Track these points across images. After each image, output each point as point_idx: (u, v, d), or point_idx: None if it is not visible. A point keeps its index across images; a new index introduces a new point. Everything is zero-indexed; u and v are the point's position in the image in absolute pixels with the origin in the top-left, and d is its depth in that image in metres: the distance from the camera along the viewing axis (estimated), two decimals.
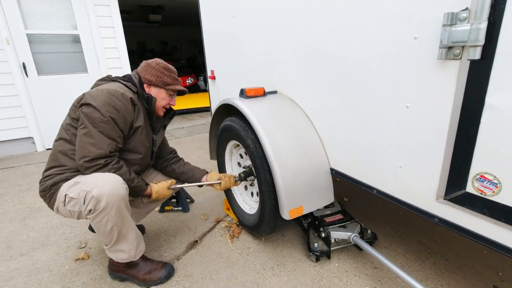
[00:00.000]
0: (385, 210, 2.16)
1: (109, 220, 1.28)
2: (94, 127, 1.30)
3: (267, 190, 1.49)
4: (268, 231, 1.63)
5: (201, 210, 2.28)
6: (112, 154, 1.35)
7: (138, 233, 1.45)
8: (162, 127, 1.72)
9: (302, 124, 1.54)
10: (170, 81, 1.55)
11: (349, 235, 1.55)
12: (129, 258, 1.45)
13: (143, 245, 1.50)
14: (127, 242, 1.40)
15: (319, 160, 1.50)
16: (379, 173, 1.23)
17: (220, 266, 1.64)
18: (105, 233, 1.33)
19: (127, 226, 1.36)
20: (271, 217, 1.54)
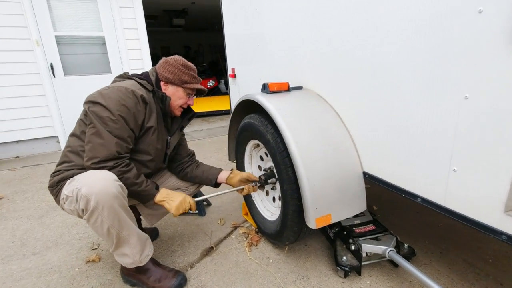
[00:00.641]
0: (421, 222, 1.92)
1: (104, 221, 1.17)
2: (103, 127, 1.21)
3: (290, 193, 1.34)
4: (290, 240, 1.47)
5: (218, 214, 2.15)
6: (121, 155, 1.25)
7: (142, 237, 1.34)
8: (179, 128, 1.61)
9: (331, 122, 1.38)
10: (188, 79, 1.44)
11: (384, 249, 1.35)
12: (134, 263, 1.34)
13: (149, 250, 1.39)
14: (129, 246, 1.29)
15: (351, 162, 1.32)
16: (425, 178, 1.04)
17: (237, 278, 1.49)
18: (104, 235, 1.22)
19: (126, 228, 1.25)
20: (295, 224, 1.38)
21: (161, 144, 1.46)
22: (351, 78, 1.28)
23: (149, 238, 1.40)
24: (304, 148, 1.26)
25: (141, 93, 1.32)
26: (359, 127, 1.30)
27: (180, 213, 1.38)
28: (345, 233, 1.52)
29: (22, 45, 3.74)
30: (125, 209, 1.23)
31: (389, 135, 1.15)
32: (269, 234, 1.64)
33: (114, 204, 1.16)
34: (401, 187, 1.14)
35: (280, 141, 1.36)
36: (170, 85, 1.44)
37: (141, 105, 1.31)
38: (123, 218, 1.21)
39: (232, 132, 2.09)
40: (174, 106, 1.47)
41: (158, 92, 1.41)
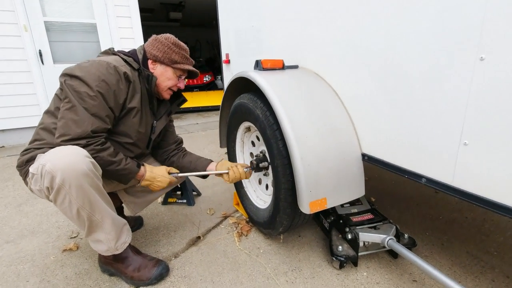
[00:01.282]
0: (422, 214, 1.82)
1: (72, 201, 1.05)
2: (78, 103, 1.10)
3: (282, 169, 1.22)
4: (284, 225, 1.35)
5: (207, 204, 2.04)
6: (96, 134, 1.13)
7: (117, 222, 1.22)
8: (167, 113, 1.49)
9: (328, 100, 1.27)
10: (179, 59, 1.33)
11: (383, 237, 1.25)
12: (110, 251, 1.22)
13: (126, 237, 1.27)
14: (103, 231, 1.17)
15: (349, 143, 1.22)
16: (431, 156, 0.94)
17: (224, 268, 1.38)
18: (73, 218, 1.10)
19: (99, 211, 1.13)
20: (287, 205, 1.26)
21: (144, 127, 1.35)
22: (348, 49, 1.18)
23: (127, 225, 1.29)
24: (298, 127, 1.15)
25: (125, 70, 1.21)
26: (358, 105, 1.20)
27: (167, 181, 1.35)
28: (341, 221, 1.41)
29: (9, 29, 3.60)
30: (98, 189, 1.11)
31: (391, 111, 1.05)
32: (261, 223, 1.52)
33: (83, 183, 1.03)
34: (404, 168, 1.04)
35: (270, 114, 1.26)
36: (158, 64, 1.33)
37: (123, 83, 1.20)
38: (95, 199, 1.09)
39: (224, 117, 1.98)
40: (162, 87, 1.36)
41: (144, 71, 1.29)
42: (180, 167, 1.54)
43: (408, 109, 0.98)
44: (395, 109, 1.03)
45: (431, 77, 0.89)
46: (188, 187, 2.05)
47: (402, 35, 0.96)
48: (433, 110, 0.90)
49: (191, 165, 1.53)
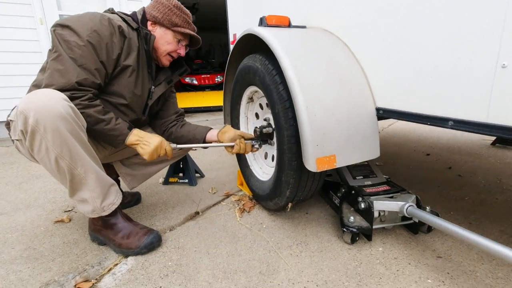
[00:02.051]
0: (444, 196, 1.64)
1: (49, 148, 0.95)
2: (66, 52, 1.02)
3: (283, 114, 1.10)
4: (289, 189, 1.19)
5: (210, 184, 1.92)
6: (82, 88, 1.04)
7: (103, 179, 1.11)
8: (166, 81, 1.40)
9: (338, 52, 1.15)
10: (179, 22, 1.25)
11: (401, 205, 1.09)
12: (96, 211, 1.12)
13: (115, 198, 1.17)
14: (87, 187, 1.07)
15: (361, 96, 1.08)
16: (457, 91, 0.79)
17: (222, 241, 1.25)
18: (54, 170, 1.01)
19: (81, 163, 1.02)
20: (292, 161, 1.12)
21: (140, 90, 1.26)
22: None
23: (116, 186, 1.18)
24: (304, 75, 1.03)
25: (120, 24, 1.14)
26: (372, 55, 1.07)
27: (154, 158, 1.16)
28: (354, 192, 1.26)
29: (25, 22, 3.68)
30: (79, 139, 1.01)
31: (410, 52, 0.91)
32: (267, 194, 1.37)
33: (59, 126, 0.93)
34: (426, 114, 0.89)
35: (269, 62, 1.17)
36: (158, 26, 1.26)
37: (117, 37, 1.12)
38: (75, 149, 0.99)
39: (227, 92, 1.88)
40: (161, 52, 1.28)
41: (142, 30, 1.22)
42: (178, 137, 1.44)
43: (430, 43, 0.84)
44: (414, 49, 0.90)
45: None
46: (190, 167, 1.95)
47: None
48: (464, 32, 0.76)
49: (190, 134, 1.43)
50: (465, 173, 1.96)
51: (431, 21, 0.84)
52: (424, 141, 2.90)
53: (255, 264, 1.09)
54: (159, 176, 2.03)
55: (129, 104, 1.24)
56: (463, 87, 0.78)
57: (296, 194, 1.22)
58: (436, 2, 0.82)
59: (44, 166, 1.03)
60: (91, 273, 1.08)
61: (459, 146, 2.68)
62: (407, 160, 2.30)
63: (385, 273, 1.02)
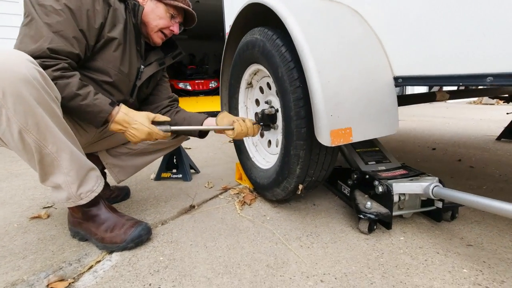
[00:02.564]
0: (461, 185, 1.52)
1: (10, 118, 0.78)
2: (39, 17, 0.89)
3: (289, 81, 0.99)
4: (299, 165, 1.04)
5: (206, 179, 1.77)
6: (56, 55, 0.90)
7: (80, 160, 0.94)
8: (158, 62, 1.27)
9: (348, 18, 1.04)
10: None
11: (425, 185, 0.97)
12: (72, 199, 0.95)
13: (95, 185, 1.00)
14: (60, 170, 0.90)
15: (376, 64, 0.97)
16: (499, 42, 0.68)
17: (221, 234, 1.10)
18: (18, 147, 0.84)
19: (52, 139, 0.85)
20: (301, 143, 0.99)
21: (127, 67, 1.13)
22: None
23: (97, 171, 1.02)
24: (315, 40, 0.91)
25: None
26: (384, 15, 0.96)
27: (149, 132, 1.03)
28: (368, 177, 1.13)
29: (13, 21, 3.55)
30: (50, 111, 0.84)
31: (429, 12, 0.80)
32: (271, 182, 1.21)
33: (22, 91, 0.77)
34: (459, 74, 0.78)
35: (269, 30, 1.09)
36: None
37: (100, 4, 1.00)
38: (45, 121, 0.83)
39: (225, 79, 1.76)
40: (152, 27, 1.16)
41: (130, 1, 1.10)
42: (173, 124, 1.30)
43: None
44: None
45: None
46: (184, 161, 1.80)
47: None
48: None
49: (185, 122, 1.29)
50: (476, 165, 1.86)
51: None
52: (427, 138, 2.81)
53: (260, 257, 0.94)
54: (150, 172, 1.88)
55: (114, 82, 1.10)
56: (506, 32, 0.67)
57: (308, 172, 1.06)
58: None
59: (7, 143, 0.87)
60: (68, 271, 0.91)
61: (463, 141, 2.59)
62: (413, 155, 2.19)
63: (412, 263, 0.88)
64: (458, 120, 4.08)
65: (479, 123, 3.70)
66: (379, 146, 1.35)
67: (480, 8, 0.71)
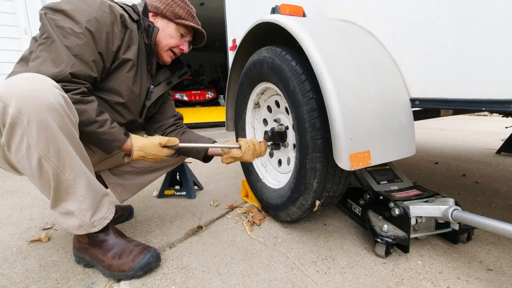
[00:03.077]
0: (469, 201, 1.51)
1: (31, 146, 0.76)
2: (60, 40, 0.86)
3: (307, 106, 0.97)
4: (316, 180, 1.01)
5: (210, 197, 1.73)
6: (76, 80, 0.88)
7: (95, 187, 0.92)
8: (166, 82, 1.26)
9: (363, 40, 1.04)
10: (183, 14, 1.14)
11: (444, 209, 0.95)
12: (84, 227, 0.92)
13: (107, 211, 0.97)
14: (75, 197, 0.87)
15: (393, 86, 0.96)
16: None
17: (233, 258, 1.06)
18: (34, 175, 0.81)
19: (71, 167, 0.83)
20: (317, 155, 0.97)
21: (139, 88, 1.11)
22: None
23: (109, 197, 0.99)
24: (332, 59, 0.91)
25: (122, 13, 1.01)
26: (400, 37, 0.96)
27: (162, 155, 1.03)
28: (382, 198, 1.11)
29: (9, 32, 3.50)
30: (71, 136, 0.83)
31: (448, 31, 0.80)
32: (285, 201, 1.18)
33: (48, 119, 0.76)
34: (482, 99, 0.77)
35: (278, 47, 1.09)
36: (160, 18, 1.14)
37: (118, 27, 0.98)
38: (65, 149, 0.81)
39: (230, 96, 1.74)
40: (163, 46, 1.15)
41: (144, 21, 1.09)
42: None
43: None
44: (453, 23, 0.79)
45: None
46: (188, 178, 1.76)
47: None
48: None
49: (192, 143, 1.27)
50: (481, 180, 1.86)
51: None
52: (428, 151, 2.83)
53: (278, 285, 0.90)
54: (152, 189, 1.83)
55: (126, 103, 1.08)
56: None
57: (325, 186, 1.03)
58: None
59: (21, 170, 0.83)
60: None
61: (464, 155, 2.61)
62: (417, 169, 2.19)
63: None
64: (454, 132, 4.13)
65: (476, 135, 3.75)
66: (389, 165, 1.33)
67: (504, 33, 0.71)
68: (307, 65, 0.99)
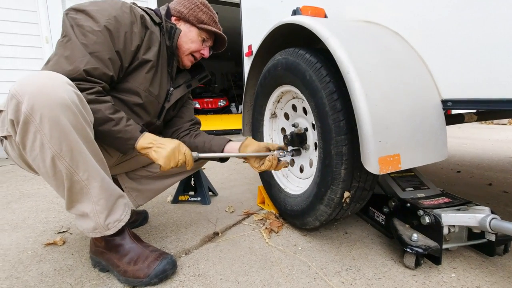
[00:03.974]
0: (499, 212, 1.42)
1: (45, 144, 0.75)
2: (77, 38, 0.87)
3: (331, 109, 0.93)
4: (341, 181, 0.94)
5: (225, 203, 1.70)
6: (91, 78, 0.87)
7: (110, 189, 0.89)
8: (186, 85, 1.26)
9: (390, 40, 1.00)
10: (206, 19, 1.14)
11: (480, 217, 0.88)
12: (99, 229, 0.89)
13: (123, 213, 0.94)
14: (89, 199, 0.85)
15: (423, 87, 0.92)
16: None
17: (252, 266, 1.02)
18: (49, 174, 0.80)
19: (84, 166, 0.81)
20: (342, 137, 0.91)
21: (158, 89, 1.10)
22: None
23: (125, 198, 0.97)
24: (359, 60, 0.87)
25: (143, 14, 1.02)
26: (428, 36, 0.92)
27: (171, 166, 0.95)
28: (409, 206, 1.05)
29: (31, 41, 3.62)
30: (84, 136, 0.81)
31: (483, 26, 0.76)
32: (311, 202, 1.09)
33: (60, 116, 0.74)
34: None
35: (300, 49, 1.06)
36: (182, 22, 1.15)
37: (138, 26, 0.99)
38: (79, 147, 0.79)
39: (247, 101, 1.72)
40: (184, 50, 1.15)
41: (167, 23, 1.09)
42: (192, 148, 1.23)
43: None
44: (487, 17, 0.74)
45: None
46: (203, 184, 1.73)
47: None
48: None
49: (206, 145, 1.22)
50: (510, 190, 1.76)
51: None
52: (448, 159, 2.72)
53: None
54: (166, 194, 1.81)
55: (144, 103, 1.07)
56: None
57: (354, 174, 0.94)
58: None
59: (37, 169, 0.82)
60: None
61: (487, 163, 2.50)
62: (438, 177, 2.10)
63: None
64: (473, 140, 3.99)
65: (497, 143, 3.60)
66: (414, 171, 1.27)
67: None
68: (320, 56, 0.99)
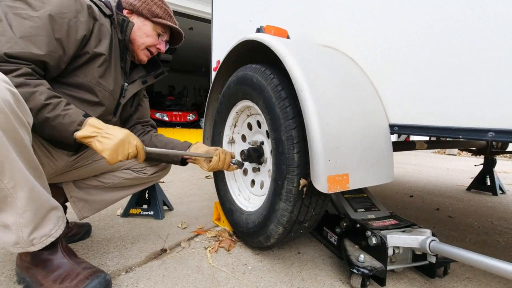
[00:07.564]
0: (445, 235, 1.50)
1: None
2: (6, 21, 0.80)
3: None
4: (295, 177, 0.90)
5: (180, 218, 1.62)
6: (13, 60, 0.79)
7: (40, 199, 0.80)
8: (142, 81, 1.22)
9: (344, 63, 1.05)
10: (161, 13, 1.12)
11: (421, 239, 0.91)
12: (20, 245, 0.79)
13: (54, 228, 0.84)
14: (13, 209, 0.75)
15: (374, 111, 0.96)
16: (499, 98, 0.69)
17: (196, 286, 0.96)
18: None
19: (10, 173, 0.72)
20: (291, 132, 0.91)
21: (112, 84, 1.05)
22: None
23: (59, 211, 0.87)
24: (314, 77, 0.89)
25: (89, 4, 0.97)
26: (378, 62, 0.98)
27: (118, 160, 0.86)
28: (358, 226, 1.07)
29: None
30: (15, 139, 0.72)
31: (428, 57, 0.82)
32: (247, 231, 1.12)
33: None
34: (460, 127, 0.77)
35: (262, 66, 1.06)
36: (135, 15, 1.11)
37: (85, 16, 0.93)
38: (6, 151, 0.70)
39: (209, 114, 1.70)
40: (138, 44, 1.11)
41: (118, 15, 1.05)
42: (152, 147, 1.17)
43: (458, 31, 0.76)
44: (432, 48, 0.81)
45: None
46: (158, 197, 1.64)
47: None
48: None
49: (168, 147, 1.20)
50: (454, 215, 1.88)
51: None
52: (403, 184, 2.87)
53: None
54: (117, 207, 1.69)
55: (98, 99, 1.01)
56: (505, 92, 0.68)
57: (307, 158, 0.87)
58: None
59: None
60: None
61: (438, 189, 2.67)
62: (393, 200, 2.19)
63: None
64: (427, 168, 4.27)
65: (448, 172, 3.88)
66: (367, 193, 1.31)
67: (484, 62, 0.73)
68: (274, 68, 1.01)
